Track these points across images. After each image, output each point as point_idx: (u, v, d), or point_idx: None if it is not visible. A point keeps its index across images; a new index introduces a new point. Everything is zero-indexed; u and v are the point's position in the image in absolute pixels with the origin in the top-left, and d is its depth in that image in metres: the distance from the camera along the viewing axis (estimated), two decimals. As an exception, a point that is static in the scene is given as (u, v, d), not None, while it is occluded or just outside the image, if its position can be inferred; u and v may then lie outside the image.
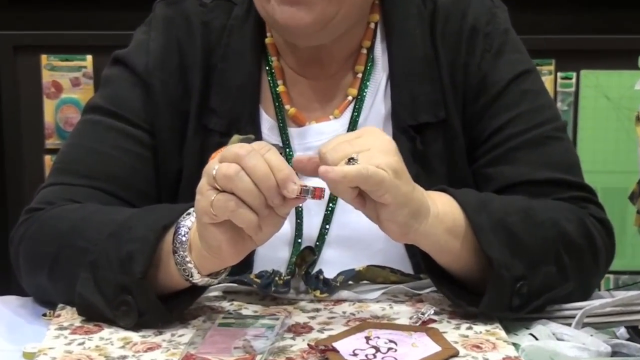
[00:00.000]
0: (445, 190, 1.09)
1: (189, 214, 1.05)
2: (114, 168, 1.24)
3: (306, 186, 0.96)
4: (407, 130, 1.24)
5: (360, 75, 1.27)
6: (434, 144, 1.24)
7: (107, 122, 1.25)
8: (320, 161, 1.00)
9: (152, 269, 1.06)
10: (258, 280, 1.15)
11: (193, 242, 1.04)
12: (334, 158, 0.98)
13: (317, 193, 0.97)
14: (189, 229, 1.04)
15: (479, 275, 1.09)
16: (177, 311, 1.09)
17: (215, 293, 1.18)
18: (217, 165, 0.96)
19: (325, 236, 1.25)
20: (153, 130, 1.26)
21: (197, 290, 1.10)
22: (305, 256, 1.17)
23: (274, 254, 1.23)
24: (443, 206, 1.07)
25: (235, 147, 0.97)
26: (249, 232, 0.99)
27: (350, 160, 0.97)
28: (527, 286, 1.08)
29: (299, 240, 1.25)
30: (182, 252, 1.04)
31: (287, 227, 1.24)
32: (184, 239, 1.04)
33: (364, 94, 1.26)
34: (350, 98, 1.27)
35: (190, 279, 1.05)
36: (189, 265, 1.04)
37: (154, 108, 1.25)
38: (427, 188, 1.09)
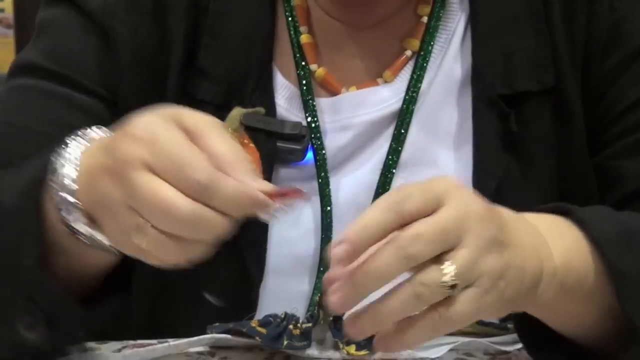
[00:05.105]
0: (565, 212, 0.87)
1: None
2: None
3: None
4: (495, 102, 1.04)
5: (425, 19, 1.06)
6: (537, 123, 1.05)
7: (45, 87, 1.06)
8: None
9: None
10: (263, 330, 0.98)
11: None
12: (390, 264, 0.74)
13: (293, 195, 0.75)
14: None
15: (613, 338, 0.88)
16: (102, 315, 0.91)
17: (199, 349, 0.99)
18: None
19: None
20: (114, 99, 1.07)
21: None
22: (336, 293, 1.01)
23: (287, 287, 1.05)
24: (564, 252, 0.85)
25: (128, 138, 0.76)
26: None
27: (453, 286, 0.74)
28: None
29: (325, 269, 1.05)
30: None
31: (310, 246, 1.05)
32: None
33: (431, 47, 1.06)
34: (409, 53, 1.07)
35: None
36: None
37: (116, 65, 1.06)
38: (522, 189, 1.01)
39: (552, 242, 0.85)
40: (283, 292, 1.05)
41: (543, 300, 0.84)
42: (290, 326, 0.98)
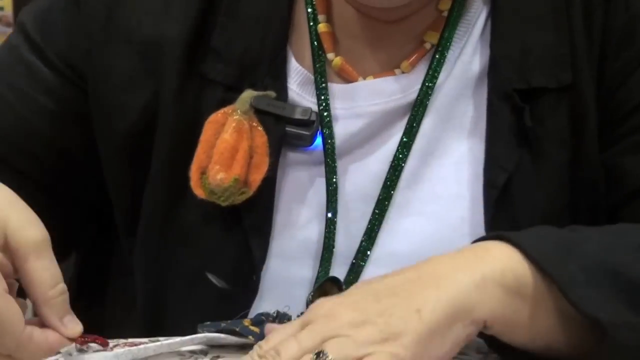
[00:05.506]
0: (502, 238, 0.86)
1: None
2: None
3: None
4: (511, 96, 1.00)
5: (446, 13, 1.03)
6: (552, 120, 1.01)
7: (23, 51, 1.05)
8: None
9: None
10: (256, 329, 0.95)
11: None
12: None
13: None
14: None
15: (582, 351, 0.85)
16: None
17: (192, 347, 0.96)
18: None
19: (369, 251, 1.02)
20: (72, 78, 1.04)
21: None
22: (326, 291, 0.96)
23: (290, 272, 1.02)
24: (493, 261, 0.84)
25: None
26: None
27: (320, 356, 0.78)
28: None
29: (329, 255, 1.02)
30: None
31: (314, 232, 1.02)
32: None
33: (450, 40, 1.02)
34: (428, 45, 1.03)
35: None
36: None
37: (85, 44, 1.02)
38: (533, 184, 0.98)
39: (476, 259, 0.84)
40: (285, 276, 1.02)
41: (491, 307, 0.83)
42: (283, 325, 0.96)
